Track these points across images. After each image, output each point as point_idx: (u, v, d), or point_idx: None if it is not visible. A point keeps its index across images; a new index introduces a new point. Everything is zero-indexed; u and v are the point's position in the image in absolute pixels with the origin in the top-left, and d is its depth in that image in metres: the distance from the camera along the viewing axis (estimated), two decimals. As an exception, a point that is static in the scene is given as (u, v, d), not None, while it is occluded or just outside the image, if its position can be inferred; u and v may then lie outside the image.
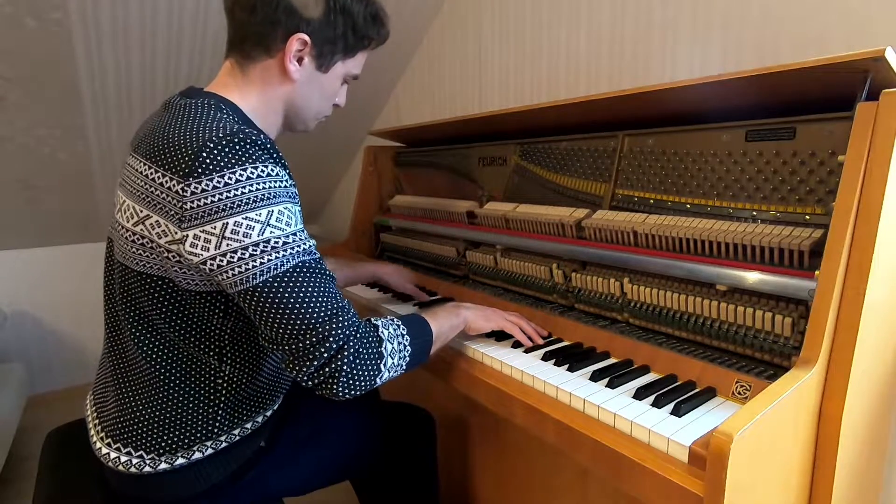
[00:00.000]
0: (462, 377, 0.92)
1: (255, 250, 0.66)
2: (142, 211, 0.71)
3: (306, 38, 0.77)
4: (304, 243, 0.71)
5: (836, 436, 0.65)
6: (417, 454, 1.08)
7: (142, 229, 0.71)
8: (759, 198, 0.82)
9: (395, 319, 0.79)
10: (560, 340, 0.96)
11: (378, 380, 0.73)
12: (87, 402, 0.86)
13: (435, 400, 1.36)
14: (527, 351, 0.91)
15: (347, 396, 0.70)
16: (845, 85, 0.69)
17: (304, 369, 0.68)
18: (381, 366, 0.73)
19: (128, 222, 0.73)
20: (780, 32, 1.07)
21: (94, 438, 0.80)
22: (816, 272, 0.67)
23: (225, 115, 0.73)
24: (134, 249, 0.72)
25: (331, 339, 0.68)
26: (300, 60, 0.79)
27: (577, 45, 1.49)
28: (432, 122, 1.39)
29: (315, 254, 0.72)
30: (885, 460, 0.89)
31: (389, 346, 0.75)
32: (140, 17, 1.54)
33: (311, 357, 0.67)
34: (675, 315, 0.86)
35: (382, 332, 0.75)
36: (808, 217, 0.77)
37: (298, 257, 0.69)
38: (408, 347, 0.77)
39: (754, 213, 0.82)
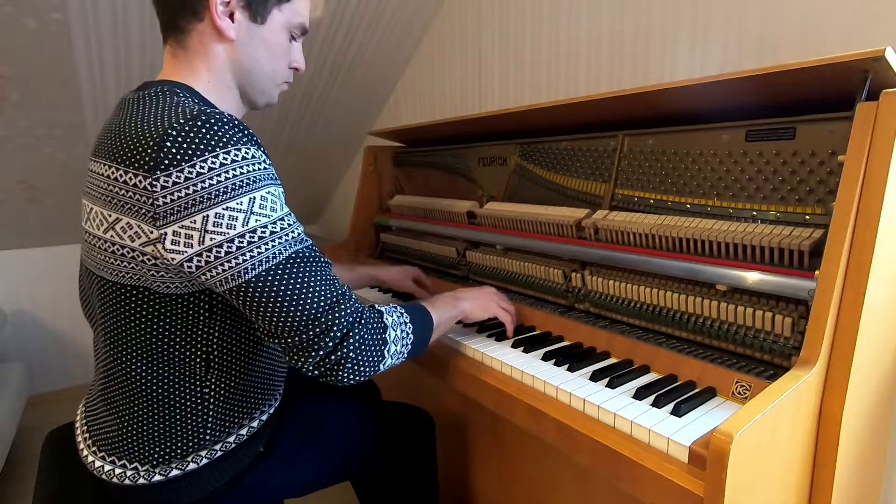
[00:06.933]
0: (462, 377, 0.92)
1: (242, 242, 0.63)
2: (110, 215, 0.66)
3: None
4: (294, 230, 0.68)
5: (836, 436, 0.65)
6: (417, 454, 1.08)
7: (112, 235, 0.67)
8: (759, 198, 0.82)
9: (399, 307, 0.79)
10: (560, 340, 0.96)
11: (381, 366, 0.73)
12: (79, 412, 0.85)
13: (434, 400, 1.36)
14: (526, 350, 0.91)
15: (352, 382, 0.70)
16: (845, 85, 0.70)
17: (310, 360, 0.66)
18: (385, 352, 0.73)
19: (98, 229, 0.69)
20: (780, 32, 1.07)
21: (86, 452, 0.79)
22: (816, 272, 0.67)
23: (182, 99, 0.69)
24: (105, 258, 0.69)
25: (335, 328, 0.67)
26: (231, 16, 0.74)
27: (577, 46, 1.49)
28: (432, 122, 1.39)
29: (307, 241, 0.70)
30: (886, 460, 0.89)
31: (393, 333, 0.74)
32: (139, 16, 1.54)
33: (315, 348, 0.66)
34: (675, 315, 0.86)
35: (387, 318, 0.75)
36: (808, 217, 0.77)
37: (291, 247, 0.66)
38: (410, 335, 0.78)
39: (754, 213, 0.82)
